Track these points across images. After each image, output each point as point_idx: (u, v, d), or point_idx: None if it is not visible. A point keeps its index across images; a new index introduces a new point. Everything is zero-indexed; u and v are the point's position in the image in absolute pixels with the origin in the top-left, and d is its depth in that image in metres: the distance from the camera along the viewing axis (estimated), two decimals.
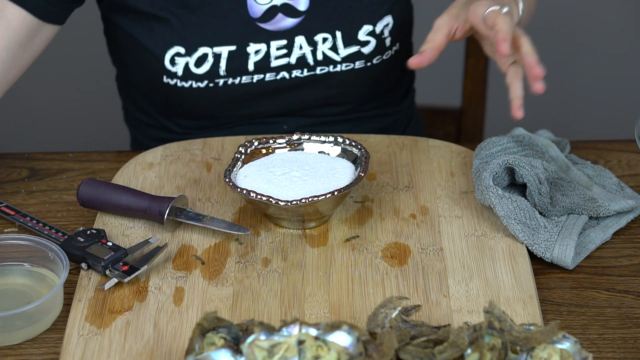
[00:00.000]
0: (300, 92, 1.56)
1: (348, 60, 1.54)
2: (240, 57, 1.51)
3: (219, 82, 1.52)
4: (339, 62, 1.54)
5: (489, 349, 1.08)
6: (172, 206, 1.33)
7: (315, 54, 1.53)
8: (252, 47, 1.51)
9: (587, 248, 1.33)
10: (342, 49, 1.53)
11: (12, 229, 1.37)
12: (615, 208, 1.36)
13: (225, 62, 1.51)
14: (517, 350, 1.10)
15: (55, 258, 1.26)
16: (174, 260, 1.30)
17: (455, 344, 1.08)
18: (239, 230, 1.32)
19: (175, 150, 1.48)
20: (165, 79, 1.52)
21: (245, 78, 1.52)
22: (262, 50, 1.51)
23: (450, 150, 1.48)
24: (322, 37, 1.52)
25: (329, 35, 1.52)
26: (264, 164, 1.37)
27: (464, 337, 1.08)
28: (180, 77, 1.51)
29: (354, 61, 1.54)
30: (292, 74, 1.53)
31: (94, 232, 1.31)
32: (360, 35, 1.53)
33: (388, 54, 1.56)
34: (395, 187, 1.41)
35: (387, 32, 1.55)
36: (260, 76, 1.53)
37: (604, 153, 1.50)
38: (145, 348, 1.18)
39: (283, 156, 1.38)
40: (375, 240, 1.33)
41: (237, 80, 1.52)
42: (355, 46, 1.54)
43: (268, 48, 1.51)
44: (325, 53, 1.53)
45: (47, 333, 1.22)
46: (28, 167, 1.48)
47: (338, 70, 1.54)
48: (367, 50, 1.54)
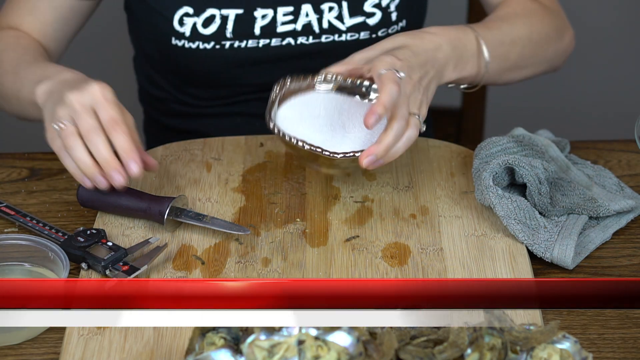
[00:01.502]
0: (306, 62, 1.57)
1: (353, 30, 1.56)
2: (247, 20, 1.54)
3: (225, 44, 1.54)
4: (344, 31, 1.55)
5: (489, 349, 1.08)
6: (172, 206, 1.33)
7: (321, 22, 1.55)
8: (259, 12, 1.54)
9: (587, 248, 1.33)
10: (347, 18, 1.55)
11: (12, 229, 1.37)
12: (615, 208, 1.36)
13: (232, 25, 1.53)
14: (517, 350, 1.10)
15: (56, 258, 1.26)
16: (174, 260, 1.30)
17: (455, 344, 1.08)
18: (239, 230, 1.32)
19: (175, 150, 1.48)
20: (174, 40, 1.54)
21: (251, 42, 1.55)
22: (268, 15, 1.54)
23: (450, 150, 1.48)
24: (328, 6, 1.54)
25: (335, 5, 1.54)
26: (302, 104, 1.34)
27: (463, 337, 1.08)
28: (187, 37, 1.54)
29: (359, 32, 1.56)
30: (298, 41, 1.55)
31: (94, 232, 1.31)
32: (366, 6, 1.55)
33: (394, 28, 1.57)
34: (395, 187, 1.41)
35: (393, 7, 1.56)
36: (266, 41, 1.55)
37: (604, 153, 1.50)
38: (145, 348, 1.18)
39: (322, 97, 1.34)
40: (375, 240, 1.33)
41: (243, 43, 1.54)
42: (360, 16, 1.55)
43: (275, 13, 1.54)
44: (331, 22, 1.55)
45: (47, 333, 1.22)
46: (28, 167, 1.48)
47: (343, 40, 1.56)
48: (372, 21, 1.55)
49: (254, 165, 1.45)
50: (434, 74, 1.35)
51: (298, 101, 1.35)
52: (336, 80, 1.34)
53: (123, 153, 1.27)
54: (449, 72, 1.38)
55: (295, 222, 1.36)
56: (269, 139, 1.50)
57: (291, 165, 1.45)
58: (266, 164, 1.46)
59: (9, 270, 1.28)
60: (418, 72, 1.32)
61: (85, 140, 1.27)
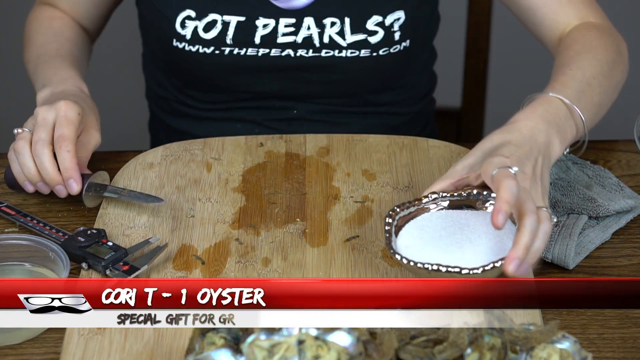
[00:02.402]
0: (304, 74, 1.57)
1: (354, 47, 1.55)
2: (248, 28, 1.54)
3: (224, 50, 1.54)
4: (344, 47, 1.55)
5: (489, 348, 1.08)
6: (90, 182, 1.37)
7: (322, 37, 1.54)
8: (261, 21, 1.53)
9: (587, 248, 1.33)
10: (349, 34, 1.54)
11: (12, 229, 1.37)
12: (615, 208, 1.36)
13: (233, 31, 1.53)
14: (516, 350, 1.10)
15: (56, 258, 1.26)
16: (174, 260, 1.30)
17: (455, 344, 1.08)
18: (154, 201, 1.37)
19: (175, 150, 1.48)
20: (175, 42, 1.55)
21: (250, 50, 1.54)
22: (270, 25, 1.53)
23: (450, 150, 1.48)
24: (330, 21, 1.54)
25: (337, 20, 1.54)
26: (419, 228, 1.27)
27: (463, 337, 1.08)
28: (188, 40, 1.54)
29: (360, 49, 1.55)
30: (298, 53, 1.55)
31: (94, 232, 1.31)
32: (369, 24, 1.54)
33: (396, 48, 1.56)
34: (395, 187, 1.41)
35: (397, 26, 1.55)
36: (265, 50, 1.55)
37: (603, 153, 1.50)
38: (146, 348, 1.19)
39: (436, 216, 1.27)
40: (375, 240, 1.33)
41: (242, 51, 1.54)
42: (362, 34, 1.54)
43: (276, 24, 1.54)
44: (332, 37, 1.54)
45: (48, 333, 1.22)
46: None
47: (343, 56, 1.55)
48: (374, 40, 1.54)
49: (254, 165, 1.46)
50: (543, 160, 1.27)
51: (413, 227, 1.27)
52: (444, 197, 1.28)
53: (63, 170, 1.35)
54: (555, 149, 1.30)
55: (295, 222, 1.36)
56: (268, 139, 1.50)
57: (291, 165, 1.46)
58: (266, 164, 1.46)
59: (9, 270, 1.28)
60: (529, 163, 1.24)
61: (32, 150, 1.36)
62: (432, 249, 1.23)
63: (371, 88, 1.62)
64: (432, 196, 1.27)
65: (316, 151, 1.48)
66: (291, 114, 1.61)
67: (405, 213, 1.27)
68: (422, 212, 1.28)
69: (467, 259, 1.21)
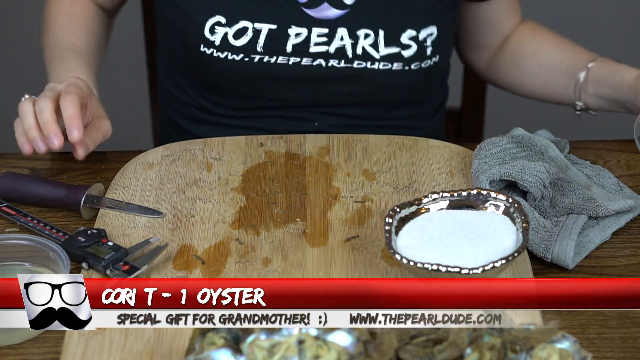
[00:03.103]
0: (334, 85, 1.56)
1: (386, 59, 1.54)
2: (280, 36, 1.52)
3: (254, 57, 1.53)
4: (377, 59, 1.54)
5: (489, 348, 1.08)
6: (87, 194, 1.37)
7: (355, 48, 1.53)
8: (293, 30, 1.52)
9: (587, 248, 1.33)
10: (382, 47, 1.53)
11: (13, 229, 1.37)
12: (615, 208, 1.36)
13: (264, 39, 1.52)
14: (516, 349, 1.10)
15: (56, 258, 1.27)
16: (174, 260, 1.31)
17: (454, 344, 1.08)
18: (153, 214, 1.36)
19: (175, 150, 1.48)
20: (203, 47, 1.54)
21: (281, 58, 1.53)
22: (302, 34, 1.52)
23: (450, 151, 1.48)
24: (364, 33, 1.53)
25: (371, 32, 1.53)
26: (419, 228, 1.28)
27: (463, 337, 1.08)
28: (217, 46, 1.53)
29: (393, 62, 1.54)
30: (329, 63, 1.54)
31: (94, 232, 1.31)
32: (403, 37, 1.53)
33: (427, 63, 1.56)
34: (395, 187, 1.41)
35: (429, 42, 1.54)
36: (296, 59, 1.54)
37: (603, 153, 1.50)
38: (146, 348, 1.19)
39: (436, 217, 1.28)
40: (375, 240, 1.33)
41: (273, 59, 1.53)
42: (396, 47, 1.53)
43: (309, 33, 1.52)
44: (365, 48, 1.53)
45: (48, 332, 1.22)
46: (28, 167, 1.48)
47: (375, 68, 1.54)
48: (407, 53, 1.54)
49: (254, 165, 1.46)
50: None
51: (413, 227, 1.28)
52: (444, 197, 1.29)
53: (67, 119, 1.34)
54: None
55: (295, 222, 1.36)
56: (268, 139, 1.50)
57: (291, 165, 1.46)
58: (266, 164, 1.46)
59: (10, 270, 1.28)
60: None
61: (35, 105, 1.36)
62: (432, 249, 1.24)
63: (394, 101, 1.61)
64: (432, 196, 1.29)
65: (316, 151, 1.48)
66: (312, 126, 1.60)
67: (406, 213, 1.28)
68: (422, 212, 1.29)
69: (467, 259, 1.22)
